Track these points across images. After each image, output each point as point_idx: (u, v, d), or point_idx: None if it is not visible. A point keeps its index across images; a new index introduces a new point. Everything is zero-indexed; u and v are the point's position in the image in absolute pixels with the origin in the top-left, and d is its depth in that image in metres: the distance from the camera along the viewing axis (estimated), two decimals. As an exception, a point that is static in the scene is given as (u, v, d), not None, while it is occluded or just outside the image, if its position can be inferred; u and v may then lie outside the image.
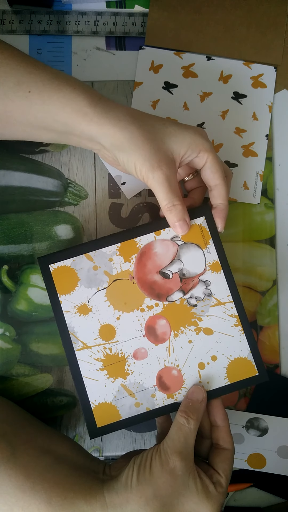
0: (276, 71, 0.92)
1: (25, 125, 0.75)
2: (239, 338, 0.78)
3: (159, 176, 0.72)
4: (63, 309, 0.78)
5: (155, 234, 0.78)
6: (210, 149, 0.75)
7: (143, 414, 0.77)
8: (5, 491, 0.69)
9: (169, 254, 0.78)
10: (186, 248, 0.78)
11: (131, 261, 0.78)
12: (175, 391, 0.77)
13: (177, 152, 0.74)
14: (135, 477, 0.69)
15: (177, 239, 0.78)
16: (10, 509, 0.68)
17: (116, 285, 0.78)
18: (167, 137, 0.73)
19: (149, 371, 0.78)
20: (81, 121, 0.71)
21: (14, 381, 0.88)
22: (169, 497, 0.68)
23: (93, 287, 0.78)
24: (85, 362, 0.77)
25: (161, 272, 0.78)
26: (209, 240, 0.78)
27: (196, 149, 0.74)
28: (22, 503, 0.68)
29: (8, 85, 0.71)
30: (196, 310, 0.78)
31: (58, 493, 0.69)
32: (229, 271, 0.79)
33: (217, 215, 0.78)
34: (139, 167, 0.72)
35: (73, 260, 0.78)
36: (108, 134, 0.72)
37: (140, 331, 0.78)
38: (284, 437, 0.89)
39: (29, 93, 0.71)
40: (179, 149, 0.74)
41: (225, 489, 0.72)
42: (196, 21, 0.90)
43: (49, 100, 0.71)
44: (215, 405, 0.78)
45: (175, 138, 0.74)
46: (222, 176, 0.77)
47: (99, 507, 0.68)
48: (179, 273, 0.78)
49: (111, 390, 0.77)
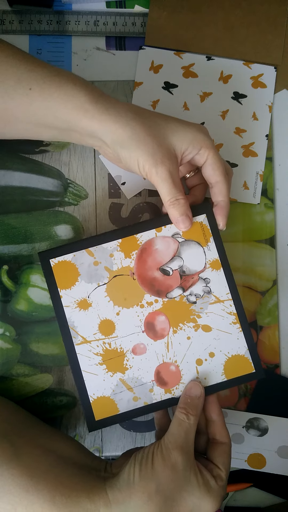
0: (276, 71, 0.92)
1: (25, 123, 0.75)
2: (237, 336, 0.79)
3: (163, 172, 0.72)
4: (63, 304, 0.78)
5: (156, 231, 0.78)
6: (211, 146, 0.75)
7: (141, 408, 0.78)
8: (8, 491, 0.69)
9: (169, 251, 0.78)
10: (187, 245, 0.78)
11: (131, 257, 0.78)
12: (172, 386, 0.78)
13: (179, 148, 0.74)
14: (137, 473, 0.69)
15: (178, 236, 0.78)
16: (13, 509, 0.68)
17: (116, 281, 0.78)
18: (169, 133, 0.74)
19: (147, 366, 0.78)
20: (82, 118, 0.72)
21: (14, 381, 0.88)
22: (171, 491, 0.68)
23: (93, 282, 0.78)
24: (85, 356, 0.77)
25: (162, 268, 0.78)
26: (209, 238, 0.78)
27: (198, 146, 0.75)
28: (25, 502, 0.68)
29: (9, 83, 0.71)
30: (195, 307, 0.78)
31: (61, 492, 0.69)
32: (229, 269, 0.79)
33: (218, 212, 0.78)
34: (142, 163, 0.72)
35: (73, 255, 0.78)
36: (109, 130, 0.72)
37: (139, 327, 0.78)
38: (284, 437, 0.88)
39: (29, 90, 0.71)
40: (181, 145, 0.74)
41: (225, 483, 0.72)
42: (196, 21, 0.91)
43: (50, 97, 0.71)
44: (210, 400, 0.78)
45: (177, 134, 0.74)
46: (223, 173, 0.77)
47: (103, 504, 0.68)
48: (179, 270, 0.78)
49: (109, 384, 0.78)
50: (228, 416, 0.88)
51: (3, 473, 0.70)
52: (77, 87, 0.71)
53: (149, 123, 0.73)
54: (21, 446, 0.74)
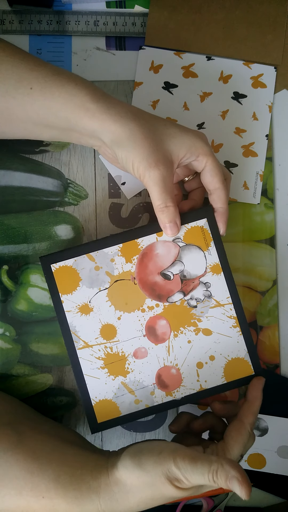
0: (276, 71, 0.92)
1: (26, 122, 0.75)
2: (237, 339, 0.79)
3: (155, 176, 0.72)
4: (65, 309, 0.78)
5: (157, 235, 0.78)
6: (210, 153, 0.76)
7: (142, 410, 0.78)
8: (14, 476, 0.69)
9: (170, 256, 0.78)
10: (188, 249, 0.78)
11: (132, 262, 0.78)
12: (173, 389, 0.78)
13: (176, 154, 0.74)
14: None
15: (179, 240, 0.78)
16: (19, 493, 0.69)
17: (118, 285, 0.78)
18: (167, 138, 0.74)
19: (148, 369, 0.78)
20: (83, 117, 0.72)
21: (14, 381, 0.88)
22: None
23: (94, 287, 0.78)
24: (87, 360, 0.78)
25: (162, 273, 0.78)
26: (210, 242, 0.79)
27: (196, 152, 0.75)
28: (30, 485, 0.69)
29: (10, 82, 0.71)
30: (196, 311, 0.78)
31: (65, 471, 0.70)
32: (229, 273, 0.79)
33: (218, 219, 0.78)
34: (136, 165, 0.72)
35: (75, 260, 0.78)
36: (109, 130, 0.72)
37: (140, 331, 0.78)
38: (284, 437, 0.89)
39: (30, 90, 0.71)
40: (178, 151, 0.74)
41: None
42: (196, 21, 0.90)
43: (51, 96, 0.71)
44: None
45: (175, 140, 0.74)
46: (221, 180, 0.77)
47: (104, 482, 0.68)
48: (180, 274, 0.78)
49: (111, 388, 0.78)
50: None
51: (8, 459, 0.70)
52: (78, 86, 0.72)
53: (148, 126, 0.73)
54: (25, 431, 0.75)
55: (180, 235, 0.78)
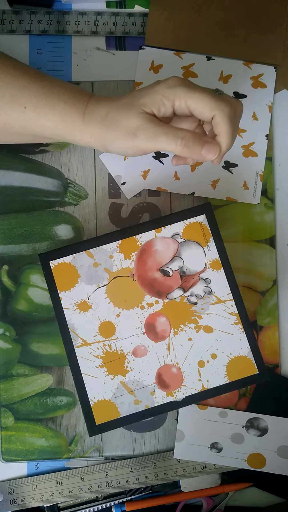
0: (276, 71, 0.92)
1: (24, 135, 0.77)
2: (239, 336, 0.78)
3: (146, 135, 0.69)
4: (63, 306, 0.78)
5: (155, 232, 0.78)
6: (185, 90, 0.69)
7: (142, 412, 0.78)
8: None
9: (169, 252, 0.78)
10: (187, 245, 0.78)
11: (131, 259, 0.78)
12: (174, 389, 0.78)
13: (149, 108, 0.70)
14: None
15: (178, 236, 0.78)
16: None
17: (116, 282, 0.78)
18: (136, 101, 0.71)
19: (148, 368, 0.78)
20: (75, 133, 0.74)
21: (14, 381, 0.88)
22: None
23: (93, 284, 0.78)
24: (85, 359, 0.78)
25: (162, 269, 0.78)
26: (209, 238, 0.79)
27: (170, 97, 0.69)
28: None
29: (3, 100, 0.73)
30: (196, 308, 0.78)
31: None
32: (229, 269, 0.79)
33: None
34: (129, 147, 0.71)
35: (73, 257, 0.78)
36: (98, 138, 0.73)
37: (140, 329, 0.78)
38: (284, 437, 0.88)
39: (24, 109, 0.73)
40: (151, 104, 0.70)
41: None
42: (196, 21, 0.91)
43: (45, 117, 0.73)
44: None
45: (146, 96, 0.71)
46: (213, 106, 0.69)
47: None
48: (179, 270, 0.78)
49: (110, 387, 0.78)
50: (228, 416, 0.88)
51: None
52: (67, 105, 0.73)
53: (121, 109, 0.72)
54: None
55: (178, 231, 0.78)
